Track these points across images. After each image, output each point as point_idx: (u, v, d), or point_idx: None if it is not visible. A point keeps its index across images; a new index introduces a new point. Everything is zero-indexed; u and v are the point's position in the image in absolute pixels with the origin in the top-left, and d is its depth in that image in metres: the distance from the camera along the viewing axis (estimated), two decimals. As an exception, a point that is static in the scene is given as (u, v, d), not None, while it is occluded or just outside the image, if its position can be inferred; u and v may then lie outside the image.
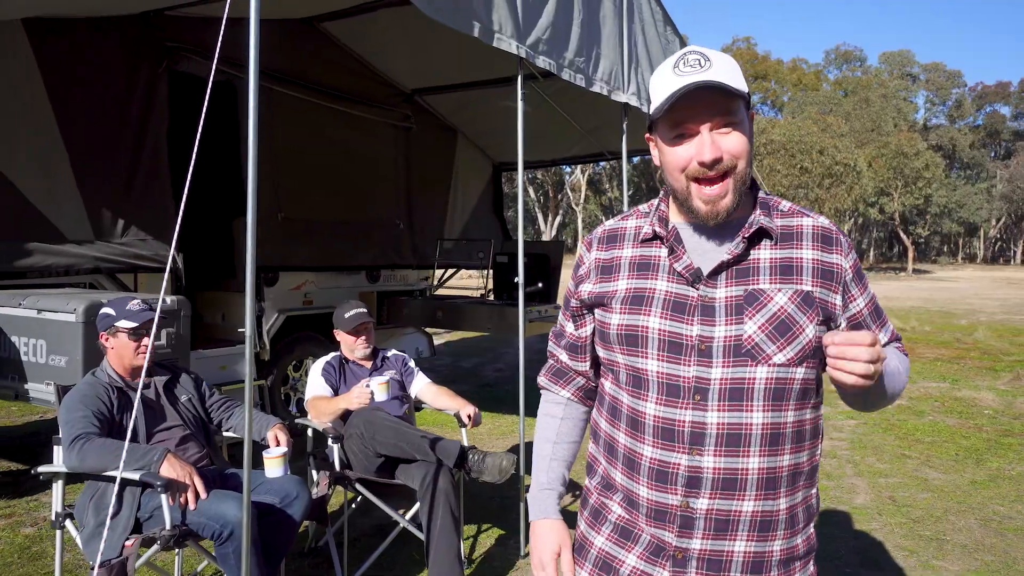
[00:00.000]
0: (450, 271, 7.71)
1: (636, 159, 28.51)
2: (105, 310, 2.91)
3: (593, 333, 1.44)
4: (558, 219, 47.22)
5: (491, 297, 6.85)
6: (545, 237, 45.70)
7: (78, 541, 2.66)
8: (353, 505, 3.49)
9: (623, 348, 1.32)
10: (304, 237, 5.70)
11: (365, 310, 3.63)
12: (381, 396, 3.23)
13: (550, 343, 1.56)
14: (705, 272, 1.27)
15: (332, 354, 3.69)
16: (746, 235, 1.27)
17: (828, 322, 1.27)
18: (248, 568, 2.40)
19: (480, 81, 6.34)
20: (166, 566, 3.22)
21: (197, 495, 2.58)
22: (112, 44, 4.43)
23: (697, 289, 1.28)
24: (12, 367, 3.56)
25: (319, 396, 3.45)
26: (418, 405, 3.82)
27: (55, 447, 2.72)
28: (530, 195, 38.12)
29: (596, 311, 1.39)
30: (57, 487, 2.70)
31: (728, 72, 1.22)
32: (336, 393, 3.50)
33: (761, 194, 1.34)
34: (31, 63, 4.04)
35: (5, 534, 3.70)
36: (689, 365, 1.25)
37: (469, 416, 3.48)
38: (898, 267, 45.41)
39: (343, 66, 6.15)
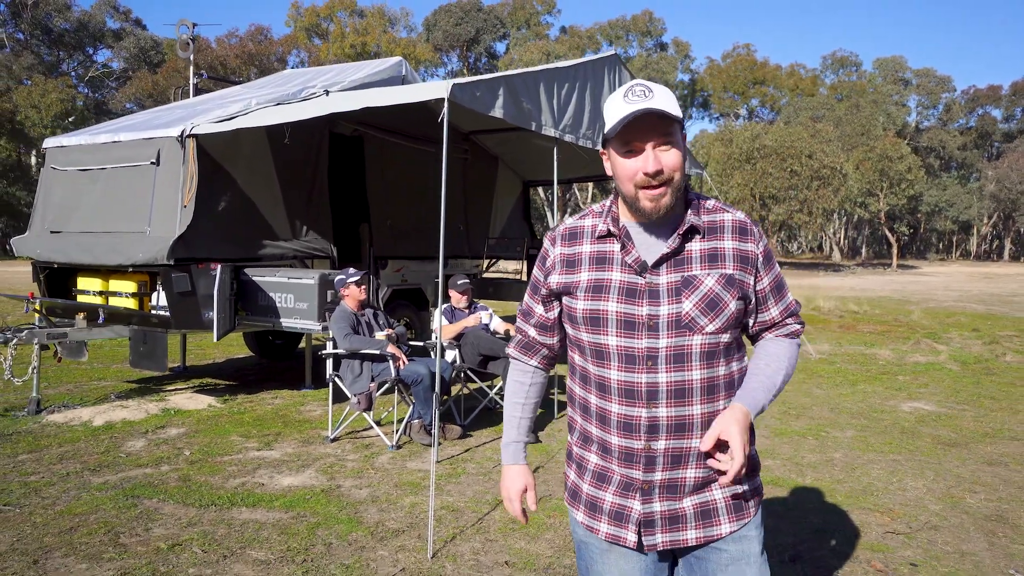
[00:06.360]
0: (492, 260, 10.51)
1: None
2: (339, 276, 5.67)
3: (560, 314, 1.72)
4: (566, 216, 49.81)
5: (525, 278, 9.64)
6: (553, 234, 48.30)
7: (343, 387, 5.42)
8: (465, 389, 6.22)
9: (588, 328, 1.62)
10: (402, 237, 8.46)
11: (469, 280, 6.34)
12: (484, 322, 6.02)
13: (518, 321, 1.82)
14: (650, 263, 1.56)
15: (445, 304, 6.42)
16: (680, 232, 1.56)
17: (745, 297, 1.60)
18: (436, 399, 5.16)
19: (515, 127, 9.05)
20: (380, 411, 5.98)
21: (403, 363, 5.34)
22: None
23: (644, 277, 1.56)
24: (270, 310, 6.32)
25: (444, 325, 6.19)
26: (494, 332, 6.56)
27: (328, 344, 5.47)
28: (540, 195, 40.72)
29: (564, 298, 1.67)
30: (330, 361, 5.45)
31: (667, 101, 1.50)
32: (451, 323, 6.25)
33: (691, 196, 1.62)
34: (266, 144, 6.81)
35: (259, 407, 6.48)
36: (641, 338, 1.55)
37: None
38: (887, 263, 47.68)
39: (423, 118, 8.88)
